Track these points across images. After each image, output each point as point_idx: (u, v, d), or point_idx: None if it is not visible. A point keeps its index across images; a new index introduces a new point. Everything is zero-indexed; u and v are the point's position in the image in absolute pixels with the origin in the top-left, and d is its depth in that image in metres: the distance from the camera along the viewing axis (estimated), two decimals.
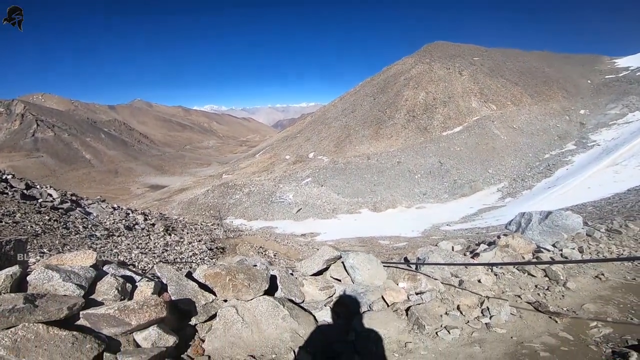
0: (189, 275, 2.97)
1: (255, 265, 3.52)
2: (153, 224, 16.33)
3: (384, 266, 3.82)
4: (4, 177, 13.95)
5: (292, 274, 3.56)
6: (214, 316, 2.69)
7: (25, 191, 13.24)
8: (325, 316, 2.99)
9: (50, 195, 14.18)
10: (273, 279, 3.11)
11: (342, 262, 3.74)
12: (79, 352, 1.93)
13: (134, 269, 2.78)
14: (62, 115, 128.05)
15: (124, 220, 15.08)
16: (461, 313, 3.27)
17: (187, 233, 17.15)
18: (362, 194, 37.95)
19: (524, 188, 33.07)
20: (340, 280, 3.62)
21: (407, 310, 3.25)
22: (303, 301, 3.13)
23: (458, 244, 6.42)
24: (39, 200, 13.04)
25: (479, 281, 3.97)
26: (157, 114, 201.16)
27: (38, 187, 14.76)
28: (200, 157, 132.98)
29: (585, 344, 2.68)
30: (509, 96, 49.81)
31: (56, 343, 1.89)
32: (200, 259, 12.65)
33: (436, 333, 2.96)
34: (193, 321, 2.64)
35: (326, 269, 3.80)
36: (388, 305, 3.38)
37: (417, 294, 3.53)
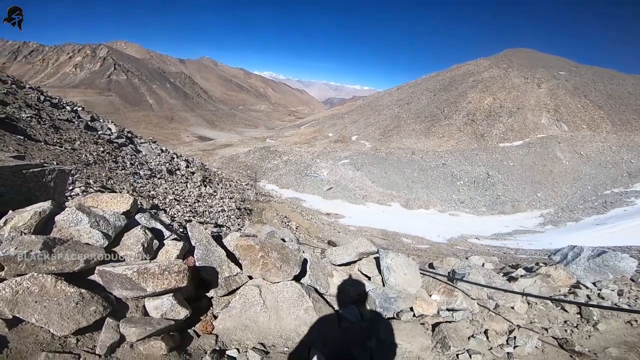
0: (218, 240, 2.79)
1: (284, 240, 3.34)
2: (193, 173, 17.08)
3: (421, 273, 3.50)
4: (74, 109, 15.53)
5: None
6: (233, 291, 2.50)
7: (89, 123, 14.68)
8: (349, 314, 2.78)
9: (110, 130, 15.49)
10: (303, 262, 2.90)
11: (376, 259, 3.49)
12: (79, 315, 1.75)
13: (164, 223, 2.63)
14: (137, 62, 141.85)
15: (167, 164, 15.88)
16: (487, 338, 3.06)
17: (222, 188, 17.75)
18: (397, 188, 37.01)
19: (570, 219, 30.66)
20: (369, 278, 3.38)
21: (434, 325, 3.03)
22: (327, 292, 2.92)
23: (490, 262, 5.96)
24: (99, 132, 14.33)
25: (512, 307, 3.71)
26: (221, 73, 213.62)
27: (101, 120, 16.17)
28: (250, 119, 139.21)
29: None
30: (587, 119, 44.72)
31: (59, 301, 1.72)
32: (227, 216, 13.05)
33: (457, 356, 2.76)
34: (211, 293, 2.44)
35: (355, 261, 3.55)
36: (415, 316, 3.15)
37: (448, 309, 3.28)
